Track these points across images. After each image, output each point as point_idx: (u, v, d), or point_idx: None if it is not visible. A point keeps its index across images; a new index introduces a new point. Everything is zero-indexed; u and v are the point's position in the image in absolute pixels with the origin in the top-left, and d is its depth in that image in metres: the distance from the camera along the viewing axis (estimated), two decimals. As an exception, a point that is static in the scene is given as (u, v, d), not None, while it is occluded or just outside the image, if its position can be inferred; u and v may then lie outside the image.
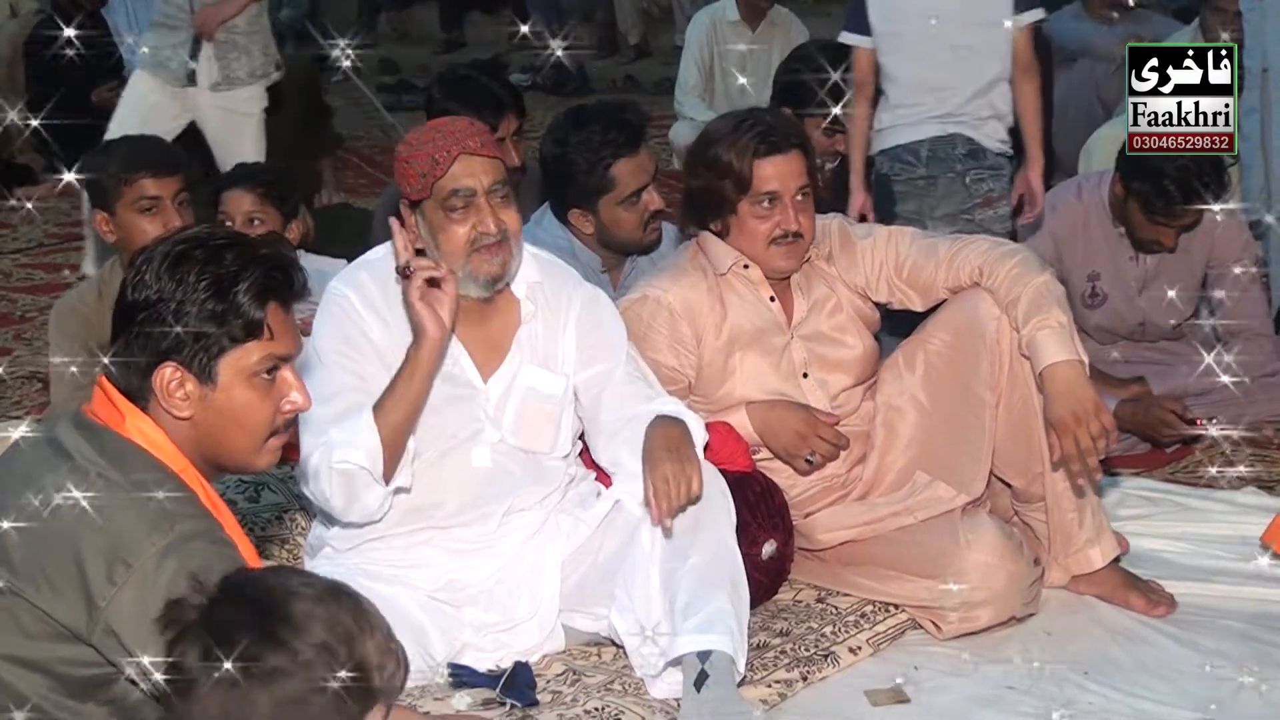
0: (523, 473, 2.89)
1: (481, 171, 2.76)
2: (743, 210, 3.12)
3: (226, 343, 2.01)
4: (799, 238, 3.13)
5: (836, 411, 3.20)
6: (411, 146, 2.78)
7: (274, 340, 2.04)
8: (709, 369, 3.17)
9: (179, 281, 1.98)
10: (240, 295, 1.99)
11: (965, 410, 3.13)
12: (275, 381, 2.06)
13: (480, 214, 2.76)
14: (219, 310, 1.99)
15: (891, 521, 3.14)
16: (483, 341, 2.88)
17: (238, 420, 2.04)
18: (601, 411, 2.91)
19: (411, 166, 2.76)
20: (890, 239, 3.24)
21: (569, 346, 2.92)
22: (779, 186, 3.10)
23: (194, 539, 1.91)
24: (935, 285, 3.17)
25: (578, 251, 3.59)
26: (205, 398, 2.02)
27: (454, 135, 2.76)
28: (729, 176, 3.10)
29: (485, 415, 2.86)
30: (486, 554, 2.89)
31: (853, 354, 3.23)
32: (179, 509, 1.94)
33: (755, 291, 3.20)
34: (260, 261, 2.02)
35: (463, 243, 2.76)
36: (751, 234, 3.13)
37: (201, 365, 2.00)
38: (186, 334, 1.98)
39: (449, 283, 2.73)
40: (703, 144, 3.17)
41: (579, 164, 3.51)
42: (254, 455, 2.08)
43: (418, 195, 2.77)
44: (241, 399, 2.03)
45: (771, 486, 3.10)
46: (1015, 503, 3.23)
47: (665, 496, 2.68)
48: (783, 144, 3.11)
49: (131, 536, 1.90)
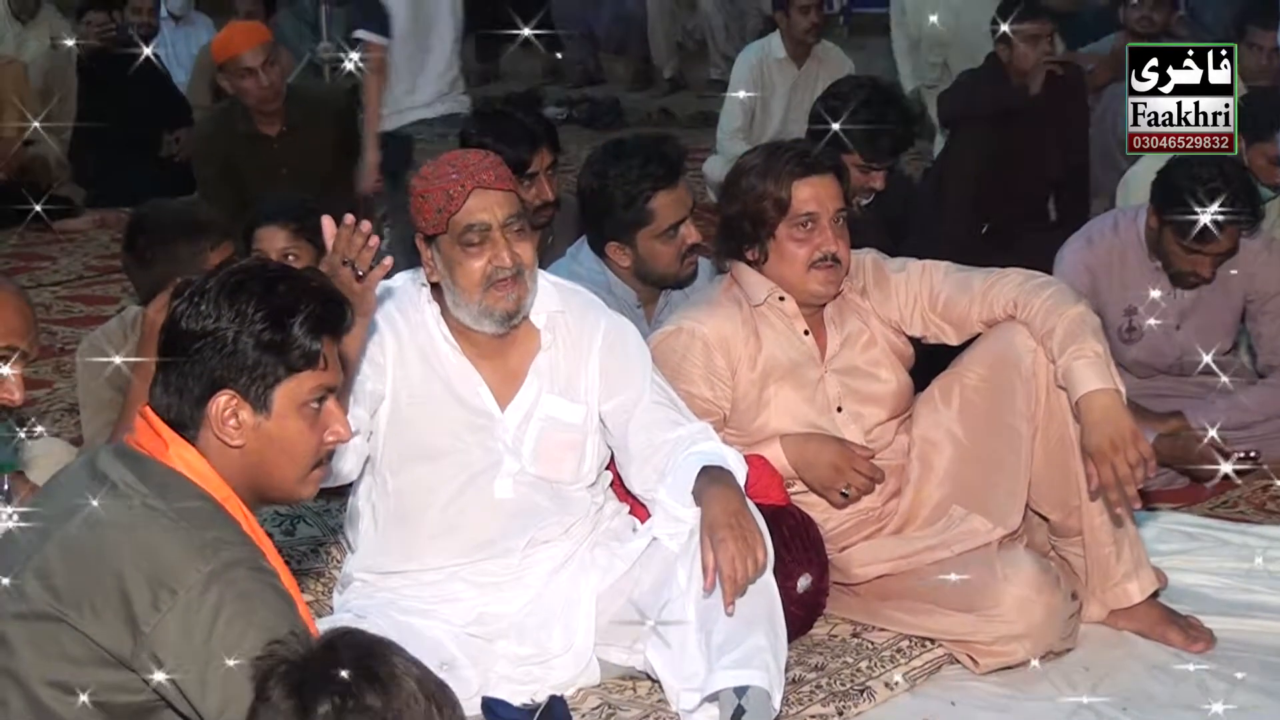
0: (547, 503, 2.90)
1: (496, 205, 2.77)
2: (781, 234, 3.14)
3: (283, 372, 2.04)
4: (837, 262, 3.15)
5: (871, 445, 3.21)
6: (426, 181, 2.79)
7: (326, 371, 2.07)
8: (744, 401, 3.19)
9: (237, 311, 2.01)
10: (297, 327, 2.03)
11: (1001, 443, 3.14)
12: (321, 412, 2.09)
13: (496, 248, 2.77)
14: (277, 340, 2.02)
15: (927, 555, 3.14)
16: (501, 371, 2.90)
17: (287, 449, 2.06)
18: (630, 438, 2.92)
19: (427, 201, 2.78)
20: (924, 273, 3.25)
21: (592, 374, 2.93)
22: (817, 208, 3.13)
23: (237, 566, 1.93)
24: (970, 319, 3.18)
25: (613, 285, 3.61)
26: (258, 426, 2.04)
27: (468, 169, 2.78)
28: (767, 199, 3.12)
29: (504, 445, 2.88)
30: (514, 586, 2.90)
31: (886, 388, 3.25)
32: (223, 536, 1.96)
33: (790, 324, 3.22)
34: (313, 294, 2.06)
35: (479, 277, 2.78)
36: (790, 258, 3.15)
37: (258, 394, 2.03)
38: (246, 362, 2.01)
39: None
40: (739, 172, 3.20)
41: (618, 197, 3.53)
42: (299, 485, 2.10)
43: (433, 230, 2.79)
44: (293, 428, 2.06)
45: (807, 520, 3.11)
46: (1052, 537, 3.23)
47: (732, 580, 2.67)
48: (819, 166, 3.14)
49: (175, 562, 1.92)
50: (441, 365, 2.88)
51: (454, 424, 2.85)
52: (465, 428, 2.86)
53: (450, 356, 2.88)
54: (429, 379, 2.87)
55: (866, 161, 4.09)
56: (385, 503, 2.90)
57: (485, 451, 2.87)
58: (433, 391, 2.87)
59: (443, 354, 2.88)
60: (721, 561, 2.68)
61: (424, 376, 2.86)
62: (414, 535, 2.88)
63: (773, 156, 3.15)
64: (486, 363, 2.88)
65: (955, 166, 5.34)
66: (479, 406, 2.88)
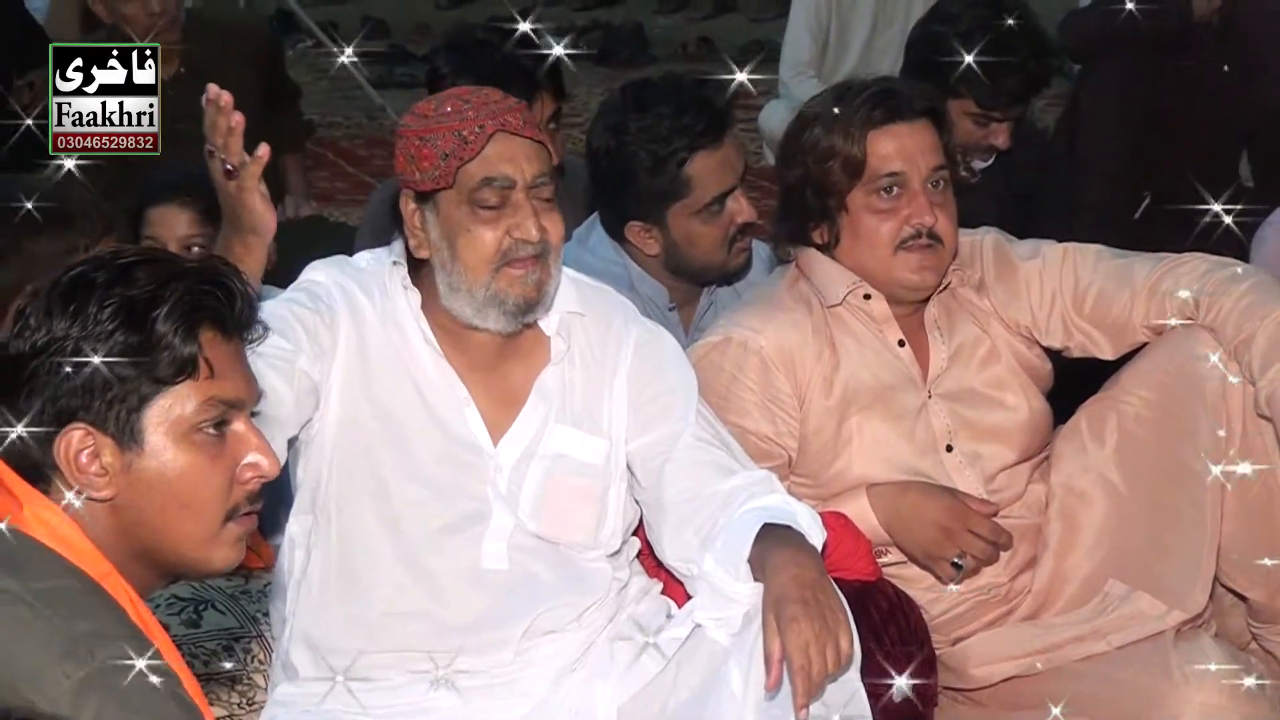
0: (552, 576, 2.90)
1: (524, 158, 2.79)
2: (855, 205, 3.15)
3: (149, 388, 2.01)
4: (936, 240, 3.14)
5: (993, 498, 3.20)
6: (427, 120, 2.81)
7: (215, 379, 2.04)
8: (816, 439, 3.19)
9: (75, 316, 1.99)
10: (161, 322, 2.00)
11: (1177, 494, 3.13)
12: (226, 439, 2.07)
13: (519, 214, 2.78)
14: (134, 344, 2.00)
15: (1075, 649, 3.14)
16: (496, 389, 2.90)
17: (178, 496, 2.04)
18: (665, 490, 2.91)
19: (429, 145, 2.79)
20: (1066, 260, 3.25)
21: (618, 402, 2.94)
22: (904, 166, 3.13)
23: (120, 670, 1.92)
24: (1131, 323, 3.19)
25: (636, 281, 3.62)
26: (130, 468, 2.02)
27: (488, 108, 2.80)
28: (835, 159, 3.13)
29: (495, 491, 2.88)
30: (507, 693, 2.89)
31: (1014, 419, 3.25)
32: (100, 628, 1.94)
33: (879, 333, 3.22)
34: (185, 275, 2.03)
35: (492, 251, 2.79)
36: (870, 238, 3.15)
37: (121, 423, 2.01)
38: (96, 382, 1.99)
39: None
40: (800, 124, 3.21)
41: (641, 160, 3.54)
42: (207, 546, 2.07)
43: (433, 184, 2.80)
44: (178, 465, 2.03)
45: (905, 602, 3.10)
46: (1252, 622, 3.23)
47: (805, 675, 2.64)
48: (905, 110, 3.15)
49: (36, 667, 1.90)
50: (416, 373, 2.88)
51: (426, 457, 2.86)
52: (442, 464, 2.86)
53: (429, 363, 2.88)
54: (397, 389, 2.87)
55: (985, 109, 4.09)
56: (327, 552, 2.89)
57: (469, 500, 2.87)
58: (401, 407, 2.87)
59: (420, 359, 2.88)
60: (791, 650, 2.65)
61: (391, 385, 2.86)
62: (366, 604, 2.87)
63: (843, 100, 3.16)
64: (477, 375, 2.89)
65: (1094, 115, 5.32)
66: (463, 435, 2.88)
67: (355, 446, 2.86)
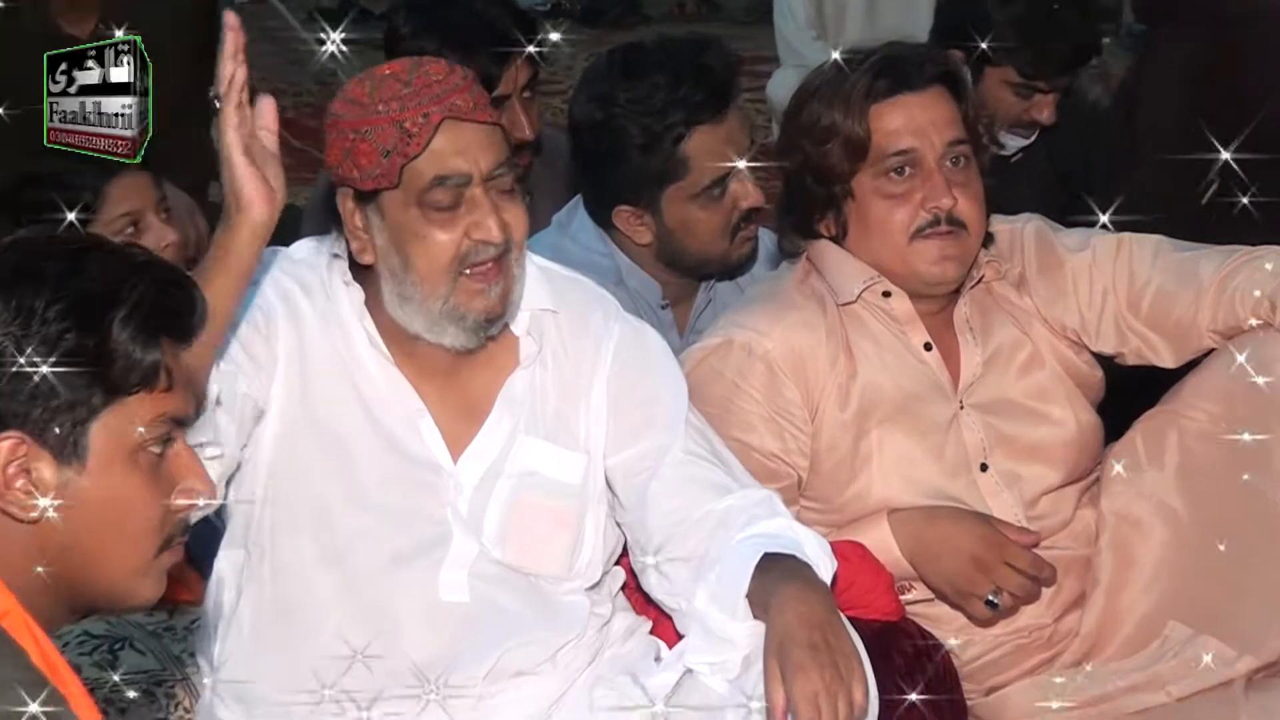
0: (521, 610, 2.90)
1: (478, 146, 2.79)
2: (863, 190, 3.16)
3: (100, 399, 2.02)
4: (958, 225, 3.14)
5: (1034, 525, 3.21)
6: (362, 108, 2.80)
7: (170, 393, 2.06)
8: (830, 457, 3.20)
9: (18, 309, 2.00)
10: (118, 325, 2.01)
11: (1248, 524, 3.14)
12: (165, 460, 2.08)
13: (477, 211, 2.78)
14: (87, 346, 2.00)
15: (1129, 701, 3.16)
16: (455, 398, 2.91)
17: (116, 521, 2.05)
18: (651, 512, 2.93)
19: (366, 139, 2.78)
20: (1120, 252, 3.27)
21: (596, 411, 2.96)
22: (914, 142, 3.14)
23: (17, 724, 1.92)
24: (1196, 326, 3.20)
25: (625, 273, 3.64)
26: (67, 486, 2.03)
27: (430, 90, 2.79)
28: (835, 138, 3.13)
29: (455, 514, 2.88)
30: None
31: (1059, 434, 3.26)
32: (1, 673, 1.94)
33: (901, 334, 3.22)
34: (142, 272, 2.04)
35: (449, 258, 2.79)
36: (881, 227, 3.16)
37: (63, 435, 2.02)
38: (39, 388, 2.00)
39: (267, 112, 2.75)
40: (800, 98, 3.22)
41: (632, 136, 3.55)
42: (135, 579, 2.08)
43: (374, 184, 2.80)
44: (121, 486, 2.04)
45: (931, 645, 3.10)
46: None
47: None
48: (913, 78, 3.15)
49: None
50: (361, 382, 2.89)
51: (374, 478, 2.86)
52: (393, 485, 2.87)
53: (376, 370, 2.89)
54: (340, 401, 2.88)
55: (1027, 78, 4.11)
56: (260, 590, 2.89)
57: (425, 524, 2.88)
58: (344, 422, 2.88)
59: (365, 365, 2.89)
60: (798, 701, 2.65)
61: (333, 396, 2.87)
62: (302, 649, 2.87)
63: (843, 71, 3.16)
64: (434, 382, 2.90)
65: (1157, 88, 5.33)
66: (417, 452, 2.89)
67: (293, 469, 2.86)
